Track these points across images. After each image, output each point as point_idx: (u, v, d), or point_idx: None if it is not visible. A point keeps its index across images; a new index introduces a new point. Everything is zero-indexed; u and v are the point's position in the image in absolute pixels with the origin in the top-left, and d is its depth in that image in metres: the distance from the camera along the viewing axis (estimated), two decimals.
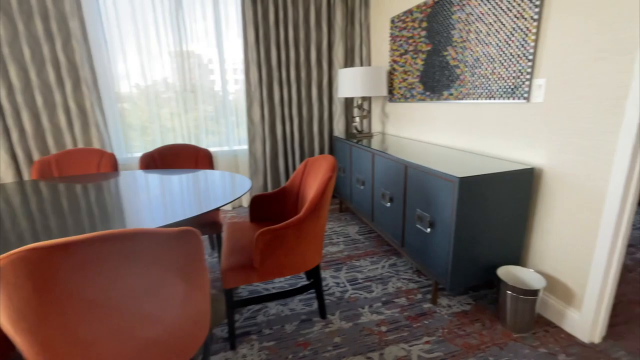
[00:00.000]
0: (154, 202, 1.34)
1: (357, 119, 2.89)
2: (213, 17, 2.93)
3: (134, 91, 2.89)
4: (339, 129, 3.30)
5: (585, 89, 1.35)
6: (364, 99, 2.92)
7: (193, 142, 3.13)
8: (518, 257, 1.68)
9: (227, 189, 1.51)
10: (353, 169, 2.65)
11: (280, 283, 1.99)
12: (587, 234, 1.40)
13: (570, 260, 1.48)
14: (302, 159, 3.36)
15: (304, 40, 3.03)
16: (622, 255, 1.36)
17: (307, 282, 1.98)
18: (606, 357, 1.36)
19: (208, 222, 1.90)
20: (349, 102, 3.35)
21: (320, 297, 1.64)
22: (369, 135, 2.93)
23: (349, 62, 3.25)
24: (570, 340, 1.46)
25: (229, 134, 3.24)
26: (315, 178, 1.65)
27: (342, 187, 2.98)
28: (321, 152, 3.38)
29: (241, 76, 3.14)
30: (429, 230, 1.67)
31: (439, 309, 1.70)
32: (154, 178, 1.78)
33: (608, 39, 1.25)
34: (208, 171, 1.90)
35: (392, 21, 2.70)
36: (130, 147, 3.02)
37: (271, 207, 1.88)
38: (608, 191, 1.30)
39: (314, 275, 1.62)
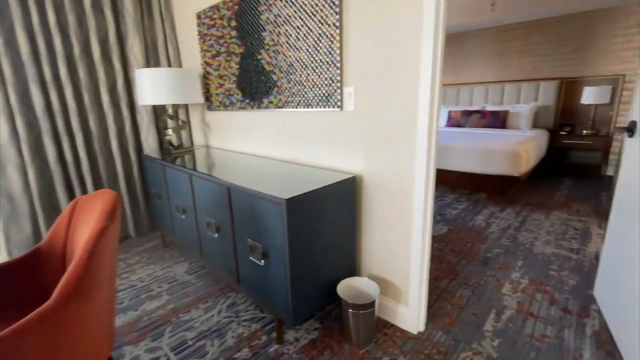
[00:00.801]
0: None
1: (171, 132, 2.36)
2: None
3: None
4: (149, 145, 2.64)
5: (386, 98, 1.40)
6: (175, 106, 2.41)
7: None
8: (354, 267, 1.66)
9: None
10: (170, 195, 2.12)
11: None
12: (404, 232, 1.48)
13: (394, 260, 1.55)
14: (98, 187, 2.49)
15: (75, 26, 2.21)
16: (430, 245, 1.51)
17: None
18: (430, 343, 1.47)
19: None
20: (160, 111, 2.74)
21: None
22: (189, 151, 2.45)
23: (152, 62, 2.63)
24: (404, 336, 1.52)
25: None
26: (88, 229, 1.08)
27: (161, 217, 2.37)
28: (127, 175, 2.61)
29: None
30: (262, 262, 1.41)
31: (286, 347, 1.47)
32: None
33: (398, 51, 1.32)
34: None
35: (199, 17, 2.32)
36: None
37: (19, 283, 1.16)
38: (414, 191, 1.39)
39: None
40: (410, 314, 1.52)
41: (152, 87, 2.12)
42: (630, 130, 1.48)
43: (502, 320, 1.59)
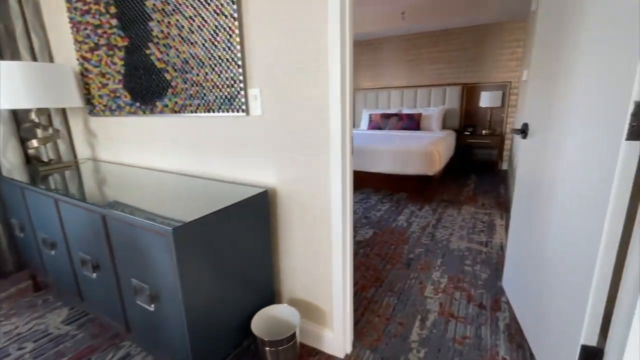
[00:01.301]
0: None
1: (36, 143, 1.85)
2: None
3: None
4: (9, 161, 2.05)
5: (295, 101, 1.25)
6: (42, 111, 1.90)
7: None
8: (273, 293, 1.47)
9: None
10: (34, 225, 1.64)
11: None
12: (323, 248, 1.35)
13: (316, 280, 1.41)
14: None
15: None
16: (352, 260, 1.40)
17: None
18: None
19: None
20: (25, 117, 2.16)
21: None
22: (65, 166, 1.97)
23: (8, 54, 2.06)
24: None
25: None
26: None
27: (27, 253, 1.84)
28: None
29: None
30: (153, 307, 1.13)
31: None
32: None
33: (307, 49, 1.17)
34: None
35: (69, 0, 1.87)
36: None
37: None
38: (332, 202, 1.26)
39: None
40: (336, 337, 1.39)
41: (5, 86, 1.62)
42: (524, 132, 1.59)
43: (427, 326, 1.57)
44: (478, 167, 4.81)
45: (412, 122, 4.71)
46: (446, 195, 3.63)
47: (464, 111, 4.82)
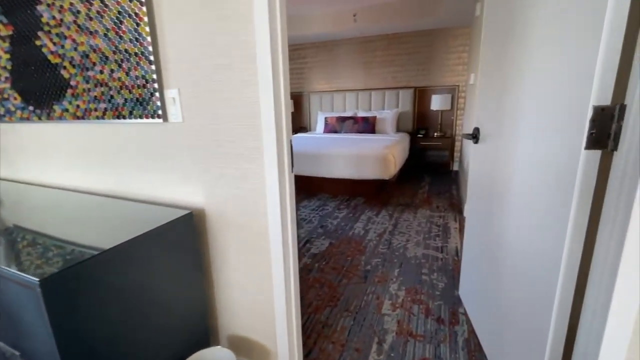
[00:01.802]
0: None
1: None
2: None
3: None
4: None
5: (223, 105, 1.04)
6: None
7: None
8: (207, 330, 1.24)
9: None
10: None
11: None
12: (264, 279, 1.15)
13: (257, 314, 1.20)
14: None
15: None
16: (297, 289, 1.22)
17: None
18: None
19: None
20: None
21: None
22: None
23: None
24: None
25: None
26: None
27: None
28: None
29: None
30: None
31: None
32: None
33: (238, 40, 0.97)
34: None
35: None
36: None
37: None
38: (269, 226, 1.07)
39: None
40: None
41: None
42: (475, 136, 1.52)
43: (385, 350, 1.44)
44: (431, 168, 4.91)
45: (368, 125, 4.67)
46: (402, 198, 3.60)
47: (417, 114, 4.90)
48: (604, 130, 0.74)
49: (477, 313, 1.48)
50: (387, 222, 2.92)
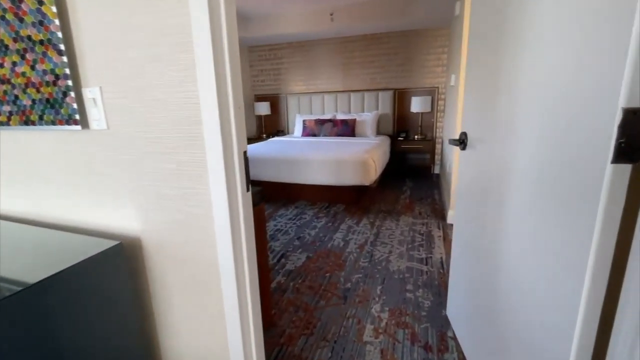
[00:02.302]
0: None
1: None
2: None
3: None
4: None
5: (156, 107, 0.82)
6: None
7: None
8: None
9: None
10: None
11: None
12: (216, 322, 0.93)
13: None
14: None
15: None
16: (260, 329, 1.00)
17: None
18: None
19: None
20: None
21: None
22: None
23: None
24: None
25: None
26: None
27: None
28: None
29: None
30: None
31: None
32: None
33: (159, 24, 0.75)
34: None
35: None
36: None
37: None
38: (219, 258, 0.85)
39: None
40: None
41: None
42: (462, 142, 1.36)
43: None
44: (413, 172, 4.81)
45: (347, 128, 4.51)
46: (384, 204, 3.45)
47: (397, 116, 4.78)
48: (636, 139, 0.58)
49: (469, 339, 1.32)
50: (368, 232, 2.74)
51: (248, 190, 0.85)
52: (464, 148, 1.37)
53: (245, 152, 0.83)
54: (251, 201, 0.87)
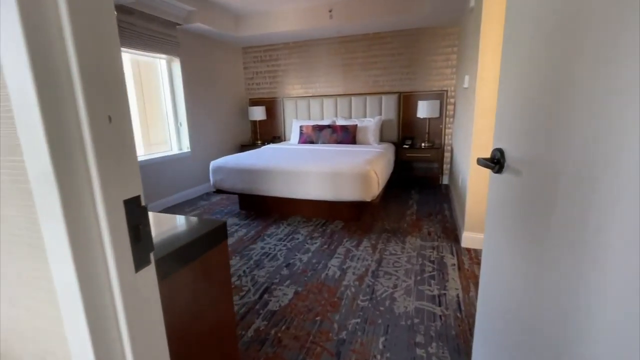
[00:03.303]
0: None
1: None
2: None
3: None
4: None
5: None
6: None
7: None
8: None
9: None
10: None
11: None
12: None
13: None
14: None
15: None
16: None
17: None
18: None
19: None
20: None
21: None
22: None
23: None
24: None
25: None
26: None
27: None
28: None
29: None
30: None
31: None
32: None
33: None
34: None
35: None
36: None
37: None
38: None
39: None
40: None
41: None
42: (498, 162, 0.98)
43: None
44: (419, 182, 4.41)
45: (348, 135, 4.13)
46: (388, 222, 3.06)
47: (402, 122, 4.40)
48: None
49: None
50: (369, 257, 2.35)
51: (142, 267, 0.47)
52: (499, 171, 0.99)
53: (138, 197, 0.45)
54: (153, 279, 0.50)
